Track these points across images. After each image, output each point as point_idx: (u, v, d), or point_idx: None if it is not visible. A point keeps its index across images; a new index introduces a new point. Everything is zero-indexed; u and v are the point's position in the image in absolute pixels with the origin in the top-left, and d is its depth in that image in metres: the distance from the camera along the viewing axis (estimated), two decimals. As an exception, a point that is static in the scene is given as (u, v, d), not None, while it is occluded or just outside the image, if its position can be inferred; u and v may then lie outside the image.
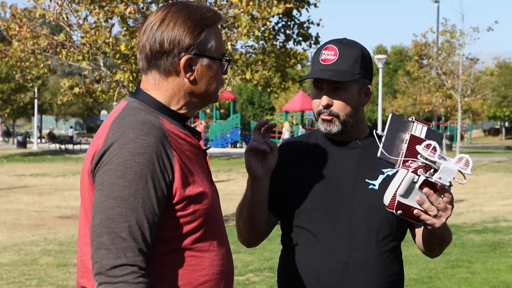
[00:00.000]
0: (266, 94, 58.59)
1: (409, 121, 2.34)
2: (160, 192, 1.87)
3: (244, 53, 14.08)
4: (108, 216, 1.83)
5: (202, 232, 1.96)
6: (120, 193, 1.84)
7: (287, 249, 2.51)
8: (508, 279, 7.90)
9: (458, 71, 28.76)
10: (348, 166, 2.45)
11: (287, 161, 2.52)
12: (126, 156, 1.85)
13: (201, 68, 2.00)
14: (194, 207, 1.93)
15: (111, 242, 1.81)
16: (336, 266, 2.39)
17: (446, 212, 2.27)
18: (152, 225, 1.86)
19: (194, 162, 1.98)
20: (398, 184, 2.26)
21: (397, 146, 2.32)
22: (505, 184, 21.36)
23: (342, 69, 2.40)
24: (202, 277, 1.96)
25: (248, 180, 2.43)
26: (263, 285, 7.68)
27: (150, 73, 2.01)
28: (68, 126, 75.76)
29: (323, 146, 2.51)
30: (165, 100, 2.01)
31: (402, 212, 2.29)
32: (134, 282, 1.80)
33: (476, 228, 12.04)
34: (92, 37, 11.95)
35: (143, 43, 1.99)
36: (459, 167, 2.24)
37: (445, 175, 2.23)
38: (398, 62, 58.67)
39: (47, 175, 25.04)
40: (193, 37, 1.97)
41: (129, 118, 1.93)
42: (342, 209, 2.40)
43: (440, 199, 2.25)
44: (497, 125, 73.25)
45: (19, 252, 10.09)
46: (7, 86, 45.13)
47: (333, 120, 2.43)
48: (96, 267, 1.82)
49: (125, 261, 1.80)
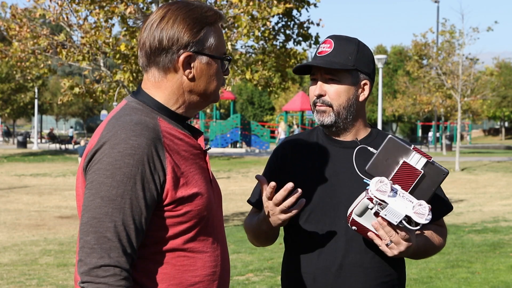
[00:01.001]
0: (266, 94, 58.59)
1: (408, 148, 2.29)
2: (149, 194, 1.87)
3: (244, 53, 14.07)
4: (95, 215, 1.84)
5: (195, 233, 1.95)
6: (107, 193, 1.84)
7: (288, 249, 2.52)
8: (508, 279, 7.90)
9: (458, 71, 28.75)
10: (347, 166, 2.45)
11: (289, 160, 2.53)
12: (116, 156, 1.86)
13: (200, 65, 2.00)
14: (187, 208, 1.93)
15: (96, 241, 1.82)
16: (330, 267, 2.40)
17: (399, 246, 2.26)
18: (138, 226, 1.86)
19: (190, 163, 1.98)
20: (356, 204, 2.28)
21: (387, 166, 2.28)
22: (505, 184, 21.36)
23: (334, 60, 2.42)
24: (193, 277, 1.96)
25: (266, 219, 2.39)
26: (263, 285, 7.68)
27: (150, 70, 2.02)
28: (68, 126, 75.77)
29: (323, 145, 2.51)
30: (164, 99, 2.01)
31: (357, 229, 2.31)
32: (115, 285, 1.80)
33: (476, 228, 12.05)
34: (92, 37, 11.94)
35: (143, 40, 2.00)
36: (412, 213, 2.19)
37: (391, 214, 2.21)
38: (398, 62, 58.65)
39: (47, 175, 25.05)
40: (192, 35, 1.97)
41: (124, 118, 1.93)
42: (339, 209, 2.41)
43: (393, 231, 2.24)
44: (497, 125, 73.24)
45: (19, 252, 10.09)
46: (7, 86, 45.11)
47: (327, 110, 2.44)
48: (79, 265, 1.83)
49: (108, 262, 1.81)
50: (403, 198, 2.22)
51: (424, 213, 2.19)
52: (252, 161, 31.02)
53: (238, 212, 14.07)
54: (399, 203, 2.20)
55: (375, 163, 2.28)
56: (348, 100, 2.44)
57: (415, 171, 2.26)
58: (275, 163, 2.56)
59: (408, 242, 2.26)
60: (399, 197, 2.21)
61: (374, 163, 2.28)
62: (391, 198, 2.20)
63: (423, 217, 2.19)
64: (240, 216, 13.74)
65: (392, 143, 2.29)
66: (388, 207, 2.20)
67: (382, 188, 2.20)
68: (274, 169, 2.55)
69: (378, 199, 2.20)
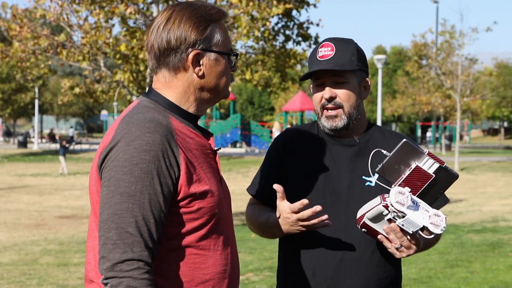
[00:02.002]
0: (266, 94, 58.63)
1: (422, 152, 2.30)
2: (166, 189, 1.90)
3: (244, 53, 14.09)
4: (115, 211, 1.86)
5: (207, 230, 1.98)
6: (127, 188, 1.87)
7: (285, 243, 2.54)
8: (507, 279, 7.92)
9: (457, 71, 28.77)
10: (346, 163, 2.48)
11: (289, 150, 2.54)
12: (132, 153, 1.88)
13: (209, 62, 2.04)
14: (199, 204, 1.95)
15: (118, 237, 1.84)
16: (330, 262, 2.42)
17: (409, 250, 2.31)
18: (158, 221, 1.88)
19: (202, 161, 2.01)
20: (370, 208, 2.29)
21: (399, 169, 2.30)
22: (504, 184, 21.38)
23: (341, 63, 2.44)
24: (204, 275, 1.98)
25: (279, 227, 2.41)
26: (263, 285, 7.70)
27: (160, 71, 2.05)
28: (68, 126, 75.75)
29: (323, 140, 2.53)
30: (176, 98, 2.04)
31: (367, 231, 2.33)
32: (139, 278, 1.82)
33: (475, 228, 12.06)
34: (93, 37, 11.97)
35: (151, 43, 2.03)
36: (429, 223, 2.22)
37: (409, 224, 2.23)
38: (397, 62, 58.67)
39: (48, 175, 25.06)
40: (198, 33, 2.01)
41: (138, 116, 1.96)
42: (338, 205, 2.43)
43: (405, 237, 2.28)
44: (496, 125, 73.25)
45: (20, 252, 10.11)
46: (8, 86, 45.10)
47: (338, 113, 2.45)
48: (102, 262, 1.85)
49: (131, 256, 1.83)
50: (420, 209, 2.24)
51: (440, 224, 2.22)
52: (252, 161, 31.03)
53: (238, 212, 14.08)
54: (417, 214, 2.23)
55: (387, 165, 2.30)
56: (356, 100, 2.48)
57: (427, 175, 2.28)
58: (276, 152, 2.56)
59: (417, 247, 2.31)
60: (417, 208, 2.24)
61: (386, 164, 2.30)
62: (410, 209, 2.23)
63: (439, 228, 2.22)
64: (240, 216, 13.75)
65: (406, 147, 2.31)
66: (406, 218, 2.22)
67: (403, 201, 2.22)
68: (274, 159, 2.55)
69: (397, 210, 2.22)
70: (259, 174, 2.61)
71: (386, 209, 2.24)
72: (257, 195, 2.60)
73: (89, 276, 2.01)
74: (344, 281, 2.42)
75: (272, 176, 2.53)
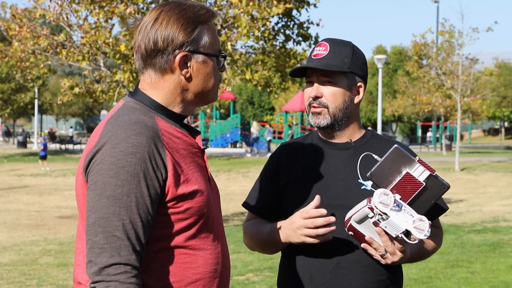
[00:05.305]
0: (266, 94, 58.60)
1: (413, 159, 2.29)
2: (153, 191, 1.88)
3: (244, 53, 14.07)
4: (102, 215, 1.84)
5: (196, 230, 1.97)
6: (113, 192, 1.85)
7: (284, 250, 2.54)
8: (508, 279, 7.91)
9: (457, 71, 28.75)
10: (341, 167, 2.48)
11: (284, 163, 2.56)
12: (118, 156, 1.87)
13: (197, 64, 2.02)
14: (187, 205, 1.94)
15: (105, 241, 1.83)
16: (327, 265, 2.41)
17: (393, 257, 2.30)
18: (145, 224, 1.87)
19: (189, 161, 1.99)
20: (356, 211, 2.29)
21: (390, 175, 2.29)
22: (505, 184, 21.37)
23: (331, 63, 2.45)
24: (195, 275, 1.97)
25: (276, 231, 2.43)
26: (263, 285, 7.69)
27: (146, 72, 2.03)
28: (68, 126, 75.77)
29: (317, 147, 2.54)
30: (162, 99, 2.02)
31: (353, 234, 2.33)
32: (127, 282, 1.81)
33: (475, 228, 12.06)
34: (92, 37, 11.95)
35: (139, 43, 2.02)
36: (412, 227, 2.20)
37: (391, 227, 2.22)
38: (397, 62, 58.66)
39: (47, 175, 25.06)
40: (186, 34, 1.99)
41: (123, 118, 1.94)
42: (335, 210, 2.42)
43: (389, 242, 2.27)
44: (496, 125, 73.26)
45: (19, 252, 10.10)
46: (8, 86, 45.12)
47: (322, 112, 2.47)
48: (90, 266, 1.84)
49: (118, 260, 1.82)
50: (404, 212, 2.22)
51: (424, 228, 2.21)
52: (252, 161, 31.03)
53: (238, 212, 14.06)
54: (400, 216, 2.22)
55: (378, 170, 2.29)
56: (344, 102, 2.48)
57: (417, 183, 2.26)
58: (270, 168, 2.59)
59: (403, 253, 2.31)
60: (400, 211, 2.22)
61: (377, 170, 2.29)
62: (393, 211, 2.22)
63: (423, 233, 2.20)
64: (240, 216, 13.75)
65: (397, 153, 2.29)
66: (389, 220, 2.21)
67: (386, 201, 2.21)
68: (269, 175, 2.57)
69: (380, 211, 2.21)
70: (256, 188, 2.62)
71: (371, 211, 2.23)
72: (255, 210, 2.61)
73: (77, 278, 2.00)
74: (342, 284, 2.41)
75: (269, 191, 2.54)
